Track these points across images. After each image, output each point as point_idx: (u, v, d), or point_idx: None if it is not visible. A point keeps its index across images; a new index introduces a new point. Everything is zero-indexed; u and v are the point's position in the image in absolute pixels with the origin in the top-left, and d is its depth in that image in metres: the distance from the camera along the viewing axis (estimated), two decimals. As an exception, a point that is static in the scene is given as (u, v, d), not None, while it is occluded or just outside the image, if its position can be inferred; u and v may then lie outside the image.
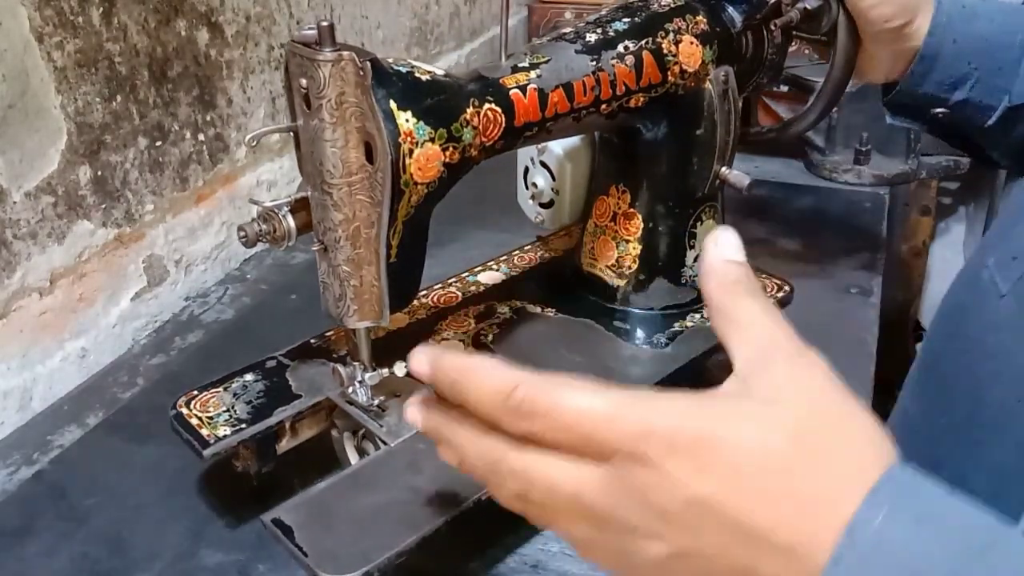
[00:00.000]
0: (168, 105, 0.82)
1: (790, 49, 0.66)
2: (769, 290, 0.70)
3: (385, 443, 0.54)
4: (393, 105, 0.46)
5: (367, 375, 0.55)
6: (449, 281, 0.72)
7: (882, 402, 0.68)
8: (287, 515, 0.48)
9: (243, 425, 0.55)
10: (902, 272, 1.46)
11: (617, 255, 0.67)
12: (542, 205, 0.76)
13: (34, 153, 0.69)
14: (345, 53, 0.45)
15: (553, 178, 0.74)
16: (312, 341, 0.64)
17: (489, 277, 0.72)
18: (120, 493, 0.61)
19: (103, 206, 0.76)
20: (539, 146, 0.73)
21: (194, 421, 0.55)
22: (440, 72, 0.50)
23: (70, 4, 0.70)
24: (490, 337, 0.64)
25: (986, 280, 0.52)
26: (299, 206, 0.51)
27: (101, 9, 0.73)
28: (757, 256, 0.91)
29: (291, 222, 0.51)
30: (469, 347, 0.63)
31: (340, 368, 0.55)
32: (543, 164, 0.74)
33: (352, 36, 1.08)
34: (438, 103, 0.48)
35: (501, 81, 0.53)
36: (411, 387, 0.58)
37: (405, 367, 0.55)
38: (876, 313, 0.80)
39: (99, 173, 0.75)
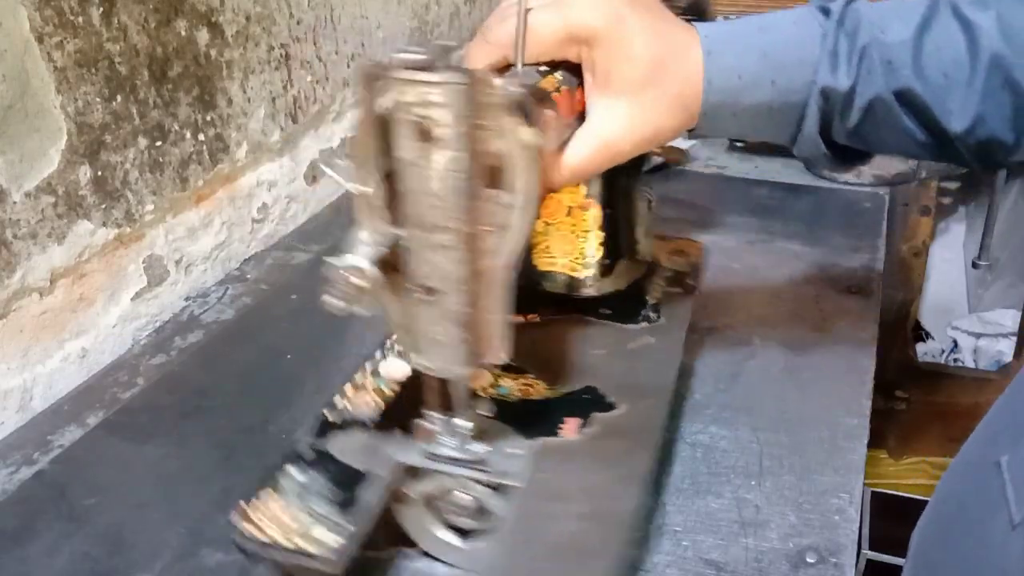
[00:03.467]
0: (168, 105, 0.82)
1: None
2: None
3: (509, 486, 0.50)
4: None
5: (463, 422, 0.50)
6: None
7: (882, 402, 0.68)
8: None
9: (344, 523, 0.47)
10: (902, 272, 1.46)
11: (579, 247, 0.67)
12: None
13: (34, 153, 0.69)
14: (476, 72, 0.42)
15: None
16: (326, 414, 0.56)
17: None
18: (120, 493, 0.61)
19: (103, 206, 0.76)
20: None
21: (277, 537, 0.47)
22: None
23: (70, 4, 0.70)
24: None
25: (996, 489, 0.41)
26: (387, 256, 0.45)
27: (101, 9, 0.73)
28: (757, 256, 0.91)
29: (379, 275, 0.45)
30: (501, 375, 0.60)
31: (430, 423, 0.50)
32: None
33: (352, 36, 1.08)
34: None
35: None
36: (496, 427, 0.54)
37: (493, 410, 0.52)
38: (876, 313, 0.80)
39: (99, 173, 0.75)
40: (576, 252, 0.68)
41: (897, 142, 0.53)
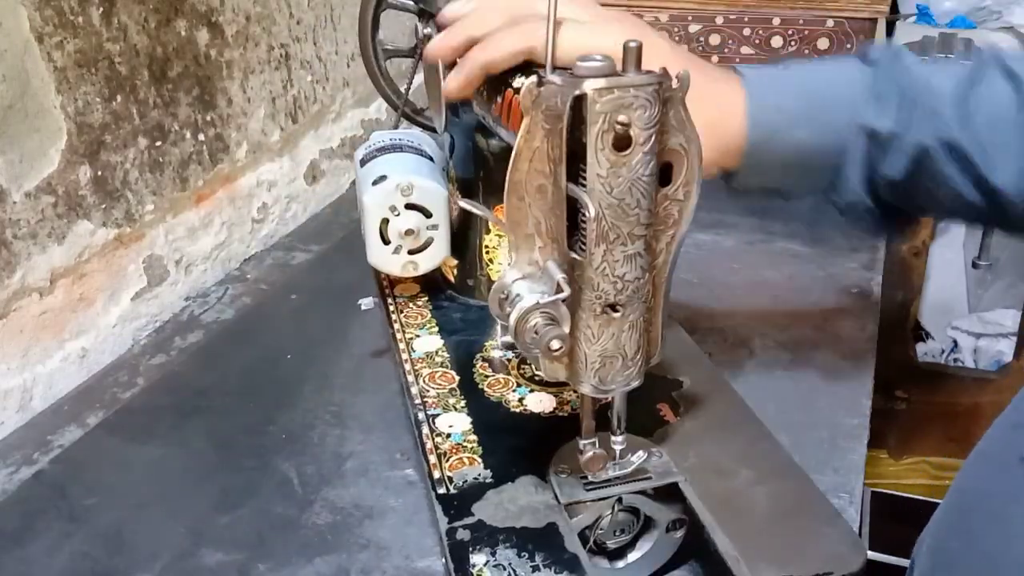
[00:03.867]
0: (168, 105, 0.82)
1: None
2: None
3: (674, 484, 0.49)
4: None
5: (618, 438, 0.48)
6: None
7: (882, 402, 0.68)
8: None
9: None
10: (902, 272, 1.46)
11: None
12: (412, 252, 0.67)
13: (34, 153, 0.69)
14: (664, 69, 0.40)
15: (428, 215, 0.66)
16: (439, 492, 0.51)
17: (427, 343, 0.66)
18: (120, 493, 0.61)
19: (103, 206, 0.76)
20: (397, 191, 0.64)
21: None
22: None
23: (70, 4, 0.70)
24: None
25: (1018, 483, 0.42)
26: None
27: (101, 9, 0.73)
28: (757, 256, 0.91)
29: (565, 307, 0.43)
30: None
31: (598, 448, 0.47)
32: (411, 207, 0.65)
33: (352, 36, 1.08)
34: None
35: None
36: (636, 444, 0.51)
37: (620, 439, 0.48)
38: (876, 313, 0.80)
39: (99, 173, 0.75)
40: None
41: (944, 198, 0.51)
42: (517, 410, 0.58)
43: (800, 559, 0.45)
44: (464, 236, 0.67)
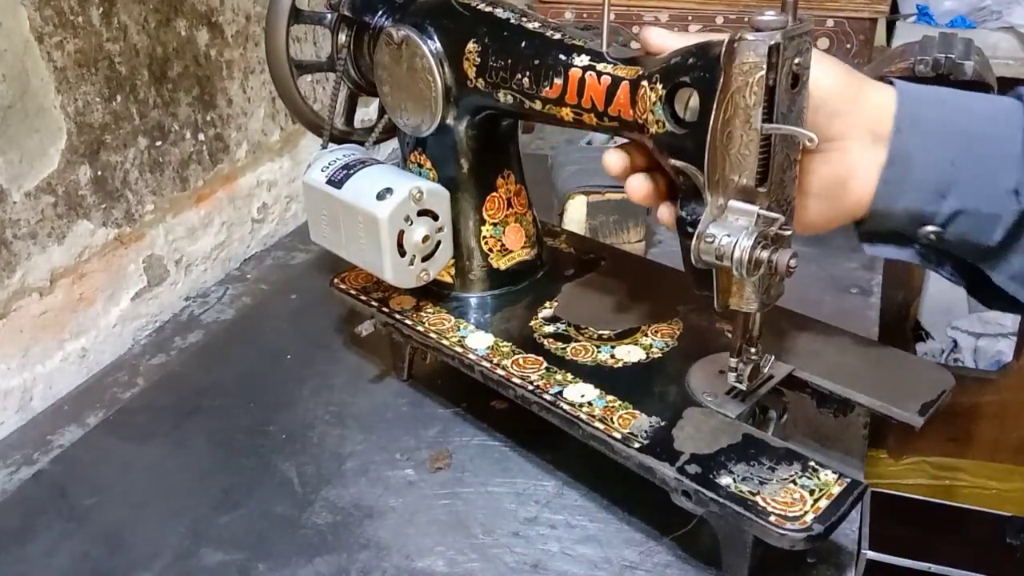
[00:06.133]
0: (168, 105, 0.82)
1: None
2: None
3: (791, 368, 0.56)
4: None
5: (754, 348, 0.53)
6: None
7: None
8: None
9: (824, 461, 0.50)
10: (902, 272, 1.46)
11: (525, 230, 0.69)
12: (425, 259, 0.65)
13: (34, 153, 0.69)
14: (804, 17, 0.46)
15: (436, 217, 0.65)
16: (634, 445, 0.52)
17: (479, 340, 0.65)
18: (120, 493, 0.61)
19: (103, 206, 0.76)
20: (409, 199, 0.63)
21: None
22: None
23: (70, 4, 0.70)
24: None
25: None
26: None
27: (101, 9, 0.73)
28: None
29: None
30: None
31: (746, 361, 0.53)
32: (423, 212, 0.64)
33: (352, 36, 1.08)
34: None
35: None
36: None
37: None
38: (876, 313, 0.80)
39: (99, 173, 0.75)
40: (524, 237, 0.69)
41: None
42: (618, 365, 0.59)
43: (918, 390, 0.54)
44: (455, 234, 0.67)
